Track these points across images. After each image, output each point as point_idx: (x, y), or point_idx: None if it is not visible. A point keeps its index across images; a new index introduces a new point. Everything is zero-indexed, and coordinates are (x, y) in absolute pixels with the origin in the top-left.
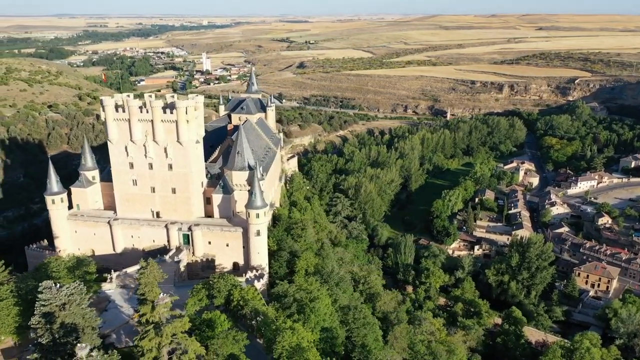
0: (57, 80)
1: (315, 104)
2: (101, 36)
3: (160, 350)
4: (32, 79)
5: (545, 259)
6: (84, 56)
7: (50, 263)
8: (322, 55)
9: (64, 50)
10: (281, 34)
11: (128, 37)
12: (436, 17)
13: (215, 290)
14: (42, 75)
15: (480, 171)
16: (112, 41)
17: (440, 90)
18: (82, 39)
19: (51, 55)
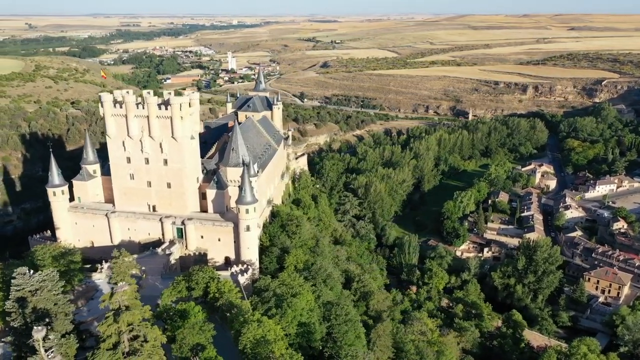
0: (83, 78)
1: (336, 104)
2: (133, 35)
3: (120, 337)
4: (59, 77)
5: (552, 262)
6: (114, 55)
7: (36, 251)
8: (346, 55)
9: (96, 49)
10: (308, 33)
11: (159, 36)
12: (466, 17)
13: (193, 282)
14: (69, 73)
15: (494, 173)
16: (143, 40)
17: (463, 90)
18: (114, 38)
19: (83, 54)
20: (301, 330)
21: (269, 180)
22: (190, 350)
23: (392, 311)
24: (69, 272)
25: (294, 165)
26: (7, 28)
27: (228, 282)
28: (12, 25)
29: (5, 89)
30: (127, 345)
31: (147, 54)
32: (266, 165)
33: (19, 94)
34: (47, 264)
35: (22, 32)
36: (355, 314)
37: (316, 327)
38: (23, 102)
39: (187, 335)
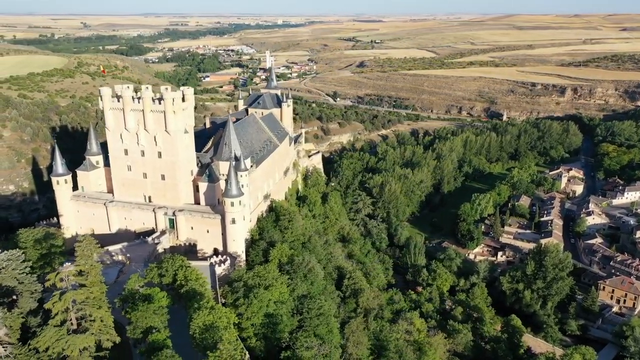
0: (121, 74)
1: (368, 103)
2: (179, 34)
3: (68, 314)
4: (98, 73)
5: (562, 269)
6: (159, 53)
7: (20, 234)
8: (384, 54)
9: (142, 47)
10: (349, 33)
11: (205, 35)
12: (513, 16)
13: (163, 269)
14: (108, 70)
15: (517, 176)
16: (189, 39)
17: (498, 92)
18: (162, 36)
19: (130, 52)
20: (267, 321)
21: (267, 176)
22: (142, 333)
23: (381, 309)
24: (49, 255)
25: (306, 163)
26: (64, 27)
27: (195, 271)
28: (68, 24)
29: (44, 84)
30: (75, 323)
31: (190, 53)
32: (263, 161)
33: (57, 89)
34: (30, 247)
35: (76, 31)
36: (329, 309)
37: (283, 319)
38: (59, 97)
39: (140, 318)
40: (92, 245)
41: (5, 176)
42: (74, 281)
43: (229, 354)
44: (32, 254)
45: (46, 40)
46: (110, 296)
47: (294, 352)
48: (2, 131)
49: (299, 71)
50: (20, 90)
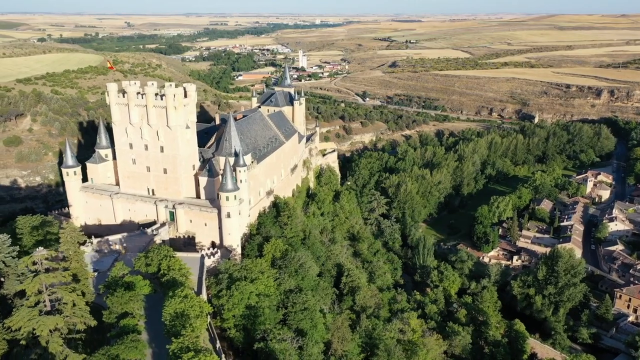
0: (154, 72)
1: (397, 103)
2: (218, 34)
3: (41, 296)
4: (131, 71)
5: (574, 275)
6: (197, 52)
7: (18, 221)
8: (418, 54)
9: (181, 46)
10: (385, 33)
11: (243, 34)
12: (556, 16)
13: (149, 259)
14: (141, 68)
15: (540, 179)
16: (227, 38)
17: (531, 93)
18: (201, 36)
19: (169, 51)
20: (247, 313)
21: (270, 173)
22: (116, 318)
23: (378, 308)
24: (45, 242)
25: (320, 161)
26: (109, 26)
27: (179, 261)
28: (113, 23)
29: (78, 81)
30: (49, 305)
31: (226, 52)
32: (266, 158)
33: (89, 86)
34: (26, 233)
35: (120, 30)
36: (314, 304)
37: (265, 311)
38: (90, 93)
39: (116, 304)
40: (75, 233)
41: (32, 168)
42: (47, 265)
43: (191, 341)
44: (28, 240)
45: (90, 39)
46: (103, 283)
47: (267, 344)
48: (33, 125)
49: (330, 71)
50: (54, 86)
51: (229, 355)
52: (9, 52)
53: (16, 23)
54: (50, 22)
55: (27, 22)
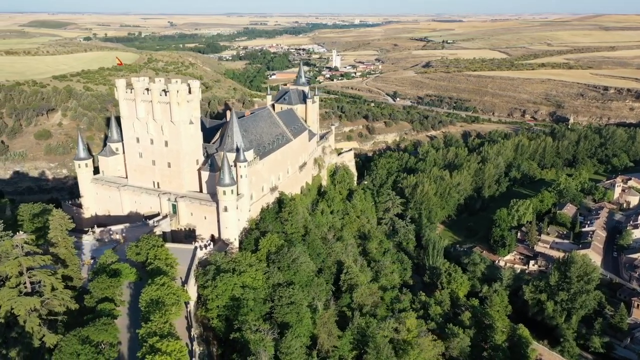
0: (186, 70)
1: (428, 104)
2: (257, 33)
3: (22, 278)
4: (164, 69)
5: (587, 281)
6: (234, 51)
7: (20, 209)
8: (453, 55)
9: (219, 45)
10: (423, 33)
11: (281, 34)
12: (602, 16)
13: (139, 248)
14: (174, 66)
15: (564, 183)
16: (265, 38)
17: (567, 95)
18: (240, 35)
19: (207, 50)
20: (231, 304)
21: (275, 169)
22: (96, 302)
23: (375, 307)
24: (44, 228)
25: (335, 160)
26: (152, 26)
27: (165, 251)
28: (156, 23)
29: (111, 78)
30: (29, 287)
31: (262, 51)
32: (270, 154)
33: None
34: (27, 220)
35: (162, 30)
36: (300, 299)
37: (249, 303)
38: None
39: (96, 289)
40: (63, 220)
41: (59, 161)
42: (28, 249)
43: (159, 327)
44: (28, 227)
45: (133, 38)
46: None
47: (242, 334)
48: (62, 120)
49: (363, 70)
50: (87, 83)
51: (212, 345)
52: (53, 50)
53: (65, 22)
54: (98, 22)
55: (76, 22)
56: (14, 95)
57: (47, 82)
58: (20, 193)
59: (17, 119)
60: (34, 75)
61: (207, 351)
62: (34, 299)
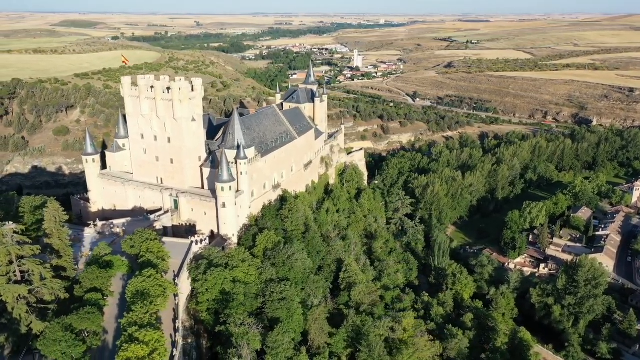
0: (206, 69)
1: (448, 105)
2: (281, 33)
3: (12, 267)
4: (184, 68)
5: (595, 286)
6: (257, 51)
7: (22, 201)
8: (476, 55)
9: (242, 45)
10: (448, 33)
11: (305, 34)
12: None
13: (133, 241)
14: (194, 65)
15: (580, 186)
16: (289, 38)
17: (590, 97)
18: (264, 35)
19: (231, 49)
20: (221, 298)
21: (278, 167)
22: (84, 292)
23: (373, 305)
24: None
25: (344, 159)
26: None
27: (157, 245)
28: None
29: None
30: (19, 275)
31: (285, 51)
32: (273, 152)
33: None
34: (27, 212)
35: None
36: (292, 295)
37: (239, 297)
38: None
39: (85, 279)
40: (57, 212)
41: (76, 156)
42: (18, 238)
43: (139, 317)
44: (29, 219)
45: (159, 37)
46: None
47: (227, 327)
48: (81, 116)
49: (384, 70)
50: (108, 81)
51: (203, 337)
52: (79, 49)
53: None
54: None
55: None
56: (36, 92)
57: (69, 80)
58: (38, 187)
59: (37, 115)
60: (57, 73)
61: (195, 343)
62: (22, 287)
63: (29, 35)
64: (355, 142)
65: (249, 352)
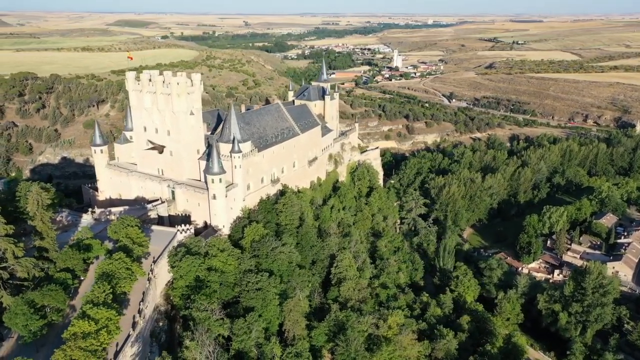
0: (241, 68)
1: (484, 106)
2: (326, 33)
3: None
4: (219, 66)
5: (604, 294)
6: (299, 50)
7: (19, 186)
8: (521, 56)
9: (286, 44)
10: (496, 33)
11: (351, 34)
12: None
13: (115, 227)
14: (230, 63)
15: (606, 191)
16: (334, 37)
17: (635, 100)
18: (309, 35)
19: (274, 49)
20: (194, 284)
21: (277, 162)
22: (58, 271)
23: (362, 302)
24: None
25: (357, 157)
26: (227, 25)
27: (136, 231)
28: (232, 22)
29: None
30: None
31: (326, 51)
32: (271, 147)
33: None
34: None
35: (236, 29)
36: (268, 286)
37: (212, 285)
38: None
39: (59, 259)
40: (41, 196)
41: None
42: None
43: (95, 296)
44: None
45: (207, 37)
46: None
47: (190, 312)
48: (110, 111)
49: (424, 71)
50: None
51: (178, 322)
52: (124, 47)
53: (148, 22)
54: (177, 21)
55: (157, 21)
56: (72, 87)
57: (105, 76)
58: (66, 177)
59: (71, 109)
60: (96, 70)
61: (168, 327)
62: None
63: (82, 34)
64: (379, 141)
65: (207, 336)
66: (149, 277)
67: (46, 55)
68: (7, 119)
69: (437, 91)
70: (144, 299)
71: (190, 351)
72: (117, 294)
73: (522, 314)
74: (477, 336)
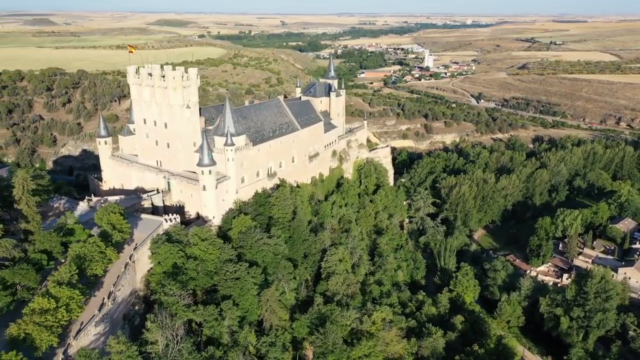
0: (267, 66)
1: (513, 107)
2: (362, 33)
3: None
4: (245, 64)
5: (606, 299)
6: (332, 50)
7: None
8: (557, 57)
9: (319, 44)
10: (533, 33)
11: (386, 34)
12: None
13: (101, 214)
14: (256, 61)
15: (626, 195)
16: (369, 37)
17: None
18: (344, 34)
19: (307, 48)
20: (171, 271)
21: (275, 156)
22: (36, 252)
23: (350, 297)
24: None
25: (365, 155)
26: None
27: (118, 218)
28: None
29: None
30: None
31: (359, 50)
32: (268, 141)
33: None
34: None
35: (273, 29)
36: (246, 276)
37: (188, 272)
38: None
39: (37, 242)
40: (26, 181)
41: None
42: None
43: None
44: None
45: (243, 36)
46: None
47: (159, 296)
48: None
49: (455, 71)
50: None
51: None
52: (158, 45)
53: (187, 21)
54: (216, 21)
55: (196, 21)
56: (97, 82)
57: None
58: (86, 169)
59: (94, 103)
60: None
61: (143, 311)
62: None
63: (122, 33)
64: (396, 140)
65: (170, 319)
66: (127, 263)
67: (80, 52)
68: (35, 112)
69: (465, 91)
70: (117, 283)
71: (151, 333)
72: (88, 276)
73: (523, 317)
74: (471, 337)
